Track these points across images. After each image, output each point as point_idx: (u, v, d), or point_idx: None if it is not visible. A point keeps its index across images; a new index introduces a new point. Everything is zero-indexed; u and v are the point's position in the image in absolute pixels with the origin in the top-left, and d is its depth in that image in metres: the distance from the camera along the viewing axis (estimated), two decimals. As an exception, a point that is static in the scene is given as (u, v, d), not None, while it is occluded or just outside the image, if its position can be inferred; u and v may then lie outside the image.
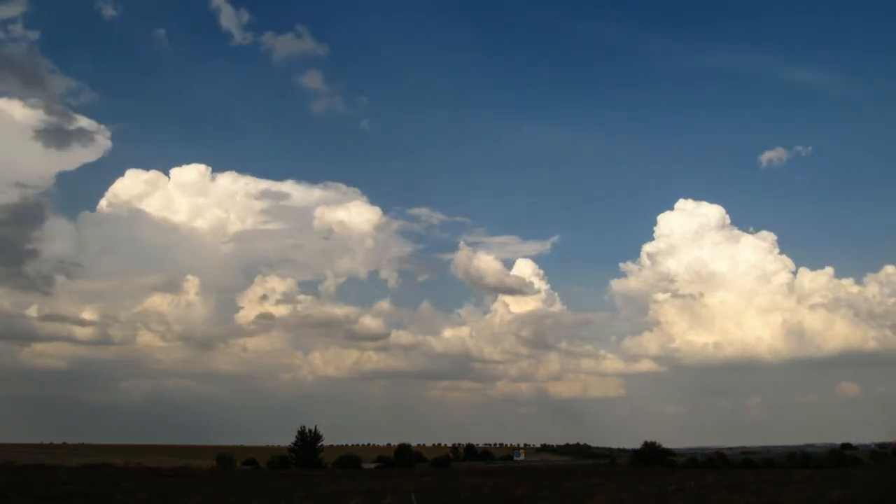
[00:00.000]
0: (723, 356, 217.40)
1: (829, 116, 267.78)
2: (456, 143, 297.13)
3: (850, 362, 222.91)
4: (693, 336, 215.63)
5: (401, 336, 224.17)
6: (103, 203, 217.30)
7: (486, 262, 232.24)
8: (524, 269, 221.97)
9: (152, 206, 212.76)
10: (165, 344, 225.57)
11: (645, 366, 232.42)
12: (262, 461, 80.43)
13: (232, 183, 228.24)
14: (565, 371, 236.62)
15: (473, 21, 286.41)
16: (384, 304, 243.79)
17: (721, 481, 40.73)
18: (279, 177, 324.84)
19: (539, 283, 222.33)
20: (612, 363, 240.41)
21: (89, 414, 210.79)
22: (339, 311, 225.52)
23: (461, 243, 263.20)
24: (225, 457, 74.92)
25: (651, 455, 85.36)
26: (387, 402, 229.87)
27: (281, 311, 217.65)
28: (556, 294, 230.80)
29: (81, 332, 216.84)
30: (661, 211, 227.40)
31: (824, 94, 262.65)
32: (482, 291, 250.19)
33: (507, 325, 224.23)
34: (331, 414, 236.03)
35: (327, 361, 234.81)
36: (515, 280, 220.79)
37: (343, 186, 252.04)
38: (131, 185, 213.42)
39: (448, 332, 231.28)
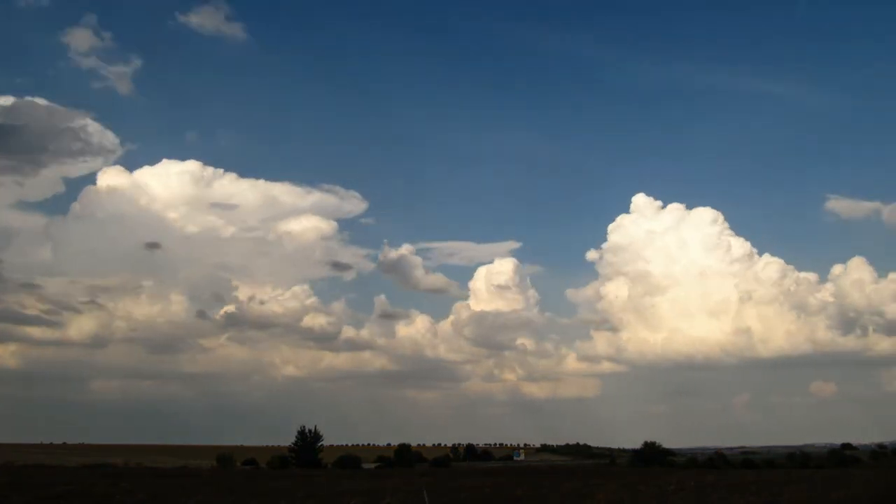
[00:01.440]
0: (691, 356, 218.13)
1: (789, 122, 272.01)
2: (416, 147, 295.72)
3: (813, 363, 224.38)
4: (658, 336, 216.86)
5: (371, 338, 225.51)
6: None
7: (443, 266, 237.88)
8: (484, 272, 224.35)
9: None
10: (140, 346, 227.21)
11: (619, 366, 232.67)
12: (262, 461, 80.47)
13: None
14: (539, 371, 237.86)
15: (414, 27, 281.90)
16: (347, 309, 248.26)
17: (721, 481, 40.73)
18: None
19: (500, 285, 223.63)
20: (582, 364, 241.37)
21: (86, 414, 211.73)
22: (309, 314, 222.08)
23: (418, 248, 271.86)
24: (225, 457, 74.99)
25: (651, 455, 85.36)
26: (360, 402, 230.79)
27: (248, 314, 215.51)
28: (519, 295, 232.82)
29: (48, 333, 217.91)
30: (618, 212, 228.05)
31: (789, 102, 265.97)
32: (440, 294, 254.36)
33: (470, 327, 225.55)
34: (313, 415, 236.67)
35: (295, 363, 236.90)
36: (475, 282, 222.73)
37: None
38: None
39: (422, 337, 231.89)
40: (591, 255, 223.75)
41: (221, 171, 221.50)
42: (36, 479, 36.26)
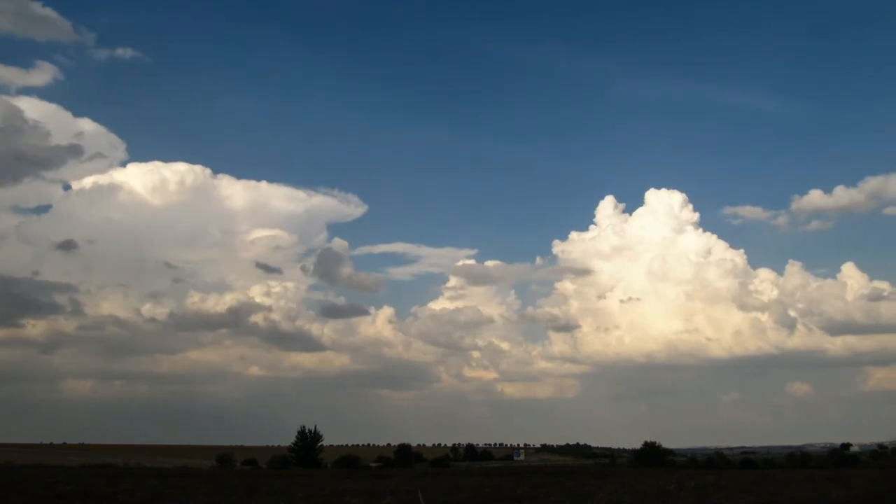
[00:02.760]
0: (654, 355, 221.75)
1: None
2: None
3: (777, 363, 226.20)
4: (619, 336, 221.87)
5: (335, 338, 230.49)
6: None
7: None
8: (448, 277, 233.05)
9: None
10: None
11: (586, 367, 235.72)
12: (262, 461, 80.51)
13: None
14: (513, 371, 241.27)
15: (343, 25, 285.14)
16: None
17: (721, 481, 40.74)
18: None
19: (460, 287, 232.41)
20: (552, 364, 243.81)
21: (87, 413, 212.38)
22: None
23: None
24: (225, 457, 75.09)
25: (651, 455, 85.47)
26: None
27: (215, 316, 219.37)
28: (478, 296, 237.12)
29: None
30: (583, 214, 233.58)
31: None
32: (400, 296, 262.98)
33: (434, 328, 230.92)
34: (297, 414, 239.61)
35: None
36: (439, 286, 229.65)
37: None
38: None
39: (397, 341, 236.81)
40: (560, 251, 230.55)
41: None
42: (36, 479, 36.23)
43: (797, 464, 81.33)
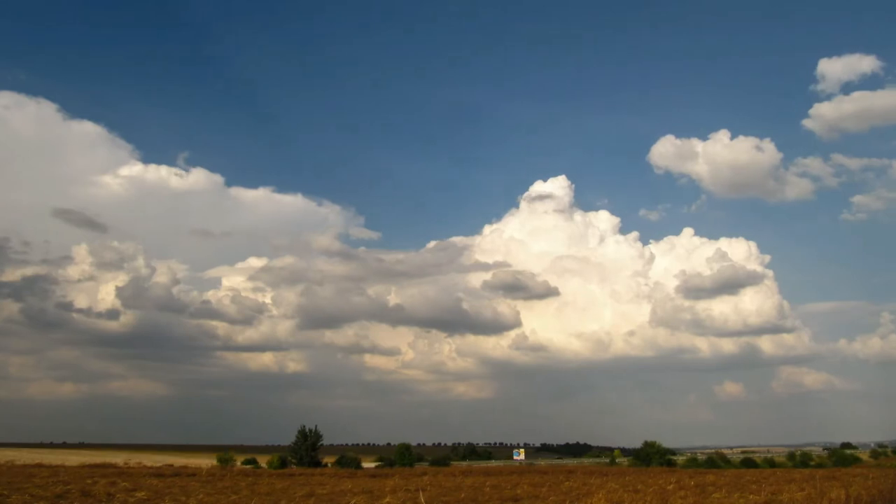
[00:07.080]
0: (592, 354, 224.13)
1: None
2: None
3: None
4: (559, 332, 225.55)
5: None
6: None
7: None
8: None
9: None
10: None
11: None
12: (262, 461, 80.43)
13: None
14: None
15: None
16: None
17: (721, 480, 40.76)
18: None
19: None
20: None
21: (88, 413, 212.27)
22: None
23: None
24: (225, 457, 74.99)
25: (651, 454, 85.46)
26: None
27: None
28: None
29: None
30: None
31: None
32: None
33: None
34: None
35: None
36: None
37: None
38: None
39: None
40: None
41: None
42: (36, 479, 36.23)
43: (797, 464, 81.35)
